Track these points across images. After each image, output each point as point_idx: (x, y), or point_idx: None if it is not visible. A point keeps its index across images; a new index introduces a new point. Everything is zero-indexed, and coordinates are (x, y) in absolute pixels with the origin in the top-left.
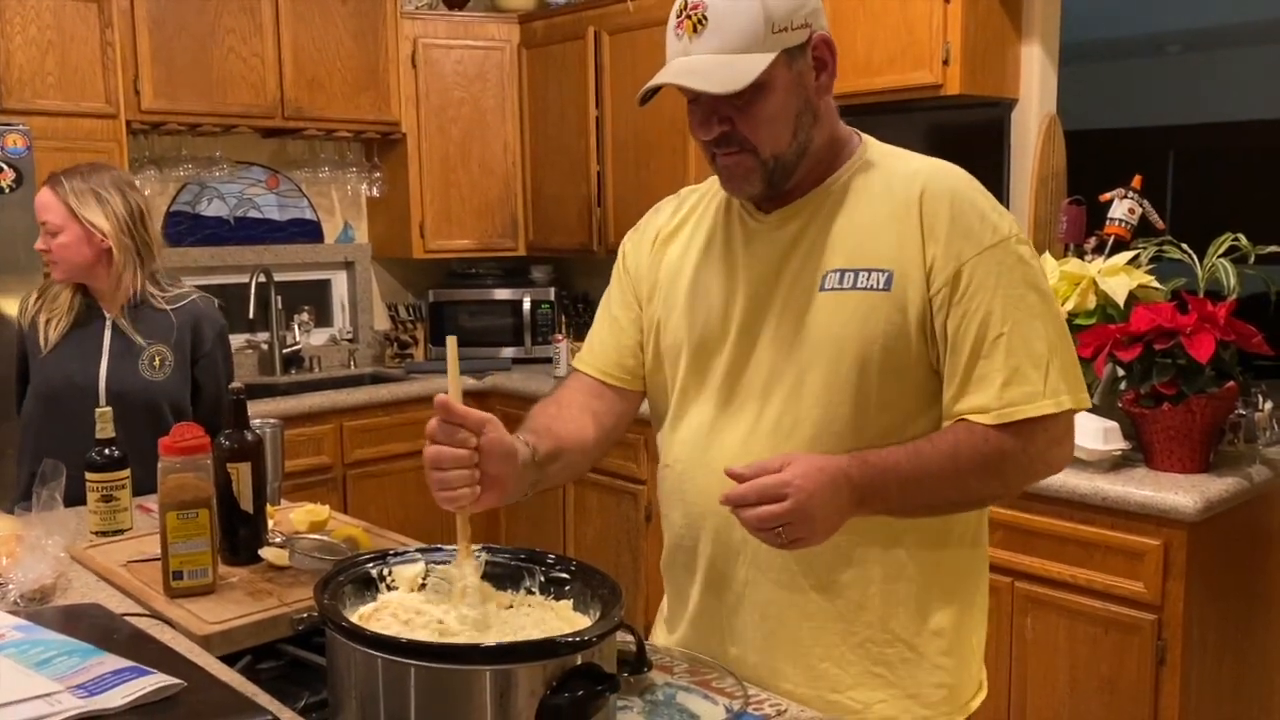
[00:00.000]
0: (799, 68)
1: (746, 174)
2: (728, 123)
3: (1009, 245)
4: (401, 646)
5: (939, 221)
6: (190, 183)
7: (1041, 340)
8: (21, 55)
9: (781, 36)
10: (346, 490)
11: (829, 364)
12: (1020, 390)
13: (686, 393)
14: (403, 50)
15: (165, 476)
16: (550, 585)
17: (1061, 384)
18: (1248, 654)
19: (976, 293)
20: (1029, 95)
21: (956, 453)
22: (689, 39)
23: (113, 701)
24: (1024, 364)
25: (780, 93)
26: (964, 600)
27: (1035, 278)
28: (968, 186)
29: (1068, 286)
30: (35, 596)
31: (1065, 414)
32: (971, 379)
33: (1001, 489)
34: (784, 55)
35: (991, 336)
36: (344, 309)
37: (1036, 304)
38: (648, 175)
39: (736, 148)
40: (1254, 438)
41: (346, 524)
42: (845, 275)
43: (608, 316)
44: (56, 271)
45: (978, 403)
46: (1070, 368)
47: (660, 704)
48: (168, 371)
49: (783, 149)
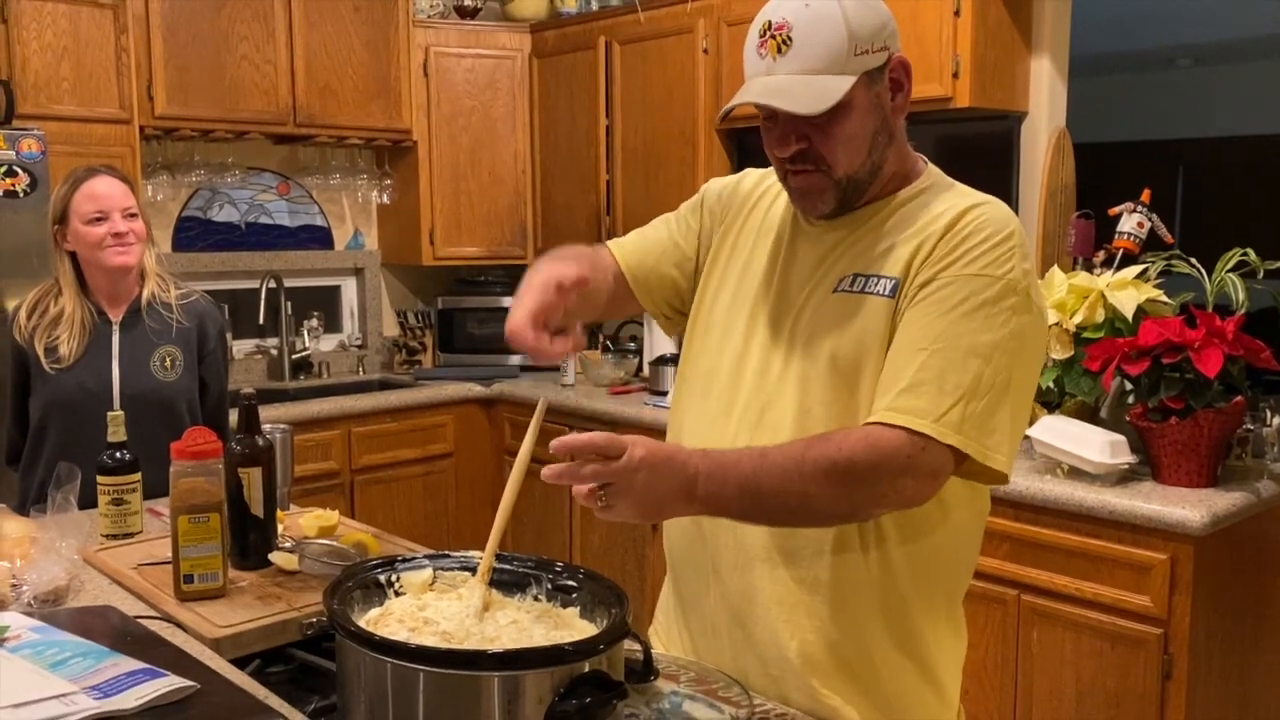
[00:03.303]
0: (877, 89)
1: (820, 193)
2: (805, 140)
3: (999, 284)
4: (411, 652)
5: (951, 240)
6: (202, 188)
7: (968, 376)
8: (37, 61)
9: (863, 59)
10: (354, 496)
11: (830, 364)
12: (911, 402)
13: (697, 372)
14: (414, 58)
15: (177, 481)
16: (558, 592)
17: (958, 421)
18: (1254, 669)
19: (933, 305)
20: (1038, 108)
21: (803, 457)
22: (772, 58)
23: (127, 703)
24: (930, 383)
25: (859, 113)
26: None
27: (1006, 326)
28: (1001, 223)
29: (1076, 300)
30: (49, 598)
31: (940, 448)
32: (883, 381)
33: (847, 506)
34: (864, 77)
35: (916, 347)
36: (353, 315)
37: (985, 346)
38: (657, 185)
39: (811, 166)
40: (1261, 453)
41: (356, 529)
42: (857, 279)
43: (664, 234)
44: (131, 256)
45: (875, 405)
46: (982, 419)
47: (666, 712)
48: (179, 371)
49: (856, 168)
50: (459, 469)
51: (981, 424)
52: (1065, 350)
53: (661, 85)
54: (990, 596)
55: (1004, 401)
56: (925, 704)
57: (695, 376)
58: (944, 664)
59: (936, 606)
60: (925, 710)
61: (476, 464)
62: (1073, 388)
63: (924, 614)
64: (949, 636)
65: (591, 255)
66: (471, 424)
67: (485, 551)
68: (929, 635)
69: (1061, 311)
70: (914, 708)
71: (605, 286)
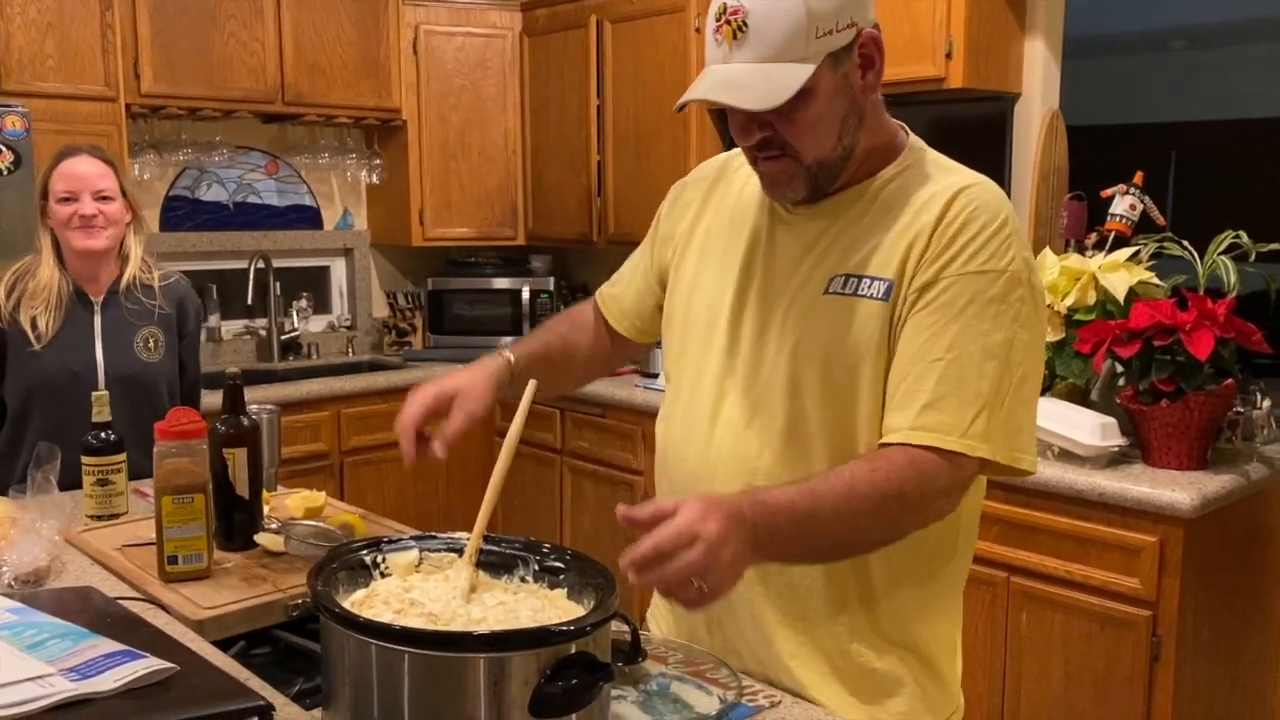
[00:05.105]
0: (845, 69)
1: (789, 179)
2: (769, 128)
3: (1003, 278)
4: (395, 633)
5: (945, 234)
6: (189, 167)
7: (986, 381)
8: (21, 37)
9: (826, 40)
10: (343, 477)
11: (823, 369)
12: (936, 418)
13: (683, 370)
14: (404, 37)
15: (161, 461)
16: (545, 574)
17: (985, 431)
18: (1242, 651)
19: (939, 310)
20: (1032, 90)
21: (852, 492)
22: (728, 46)
23: (104, 685)
24: (951, 395)
25: (825, 97)
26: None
27: (1017, 320)
28: (994, 209)
29: (1068, 282)
30: (29, 579)
31: (971, 461)
32: (898, 394)
33: (894, 533)
34: (829, 58)
35: (931, 357)
36: (343, 296)
37: (999, 345)
38: (648, 165)
39: (778, 151)
40: (1252, 435)
41: (343, 510)
42: (849, 280)
43: (637, 259)
44: (98, 239)
45: (893, 421)
46: (1007, 422)
47: (654, 694)
48: (162, 352)
49: (826, 153)
50: (449, 451)
51: (1007, 428)
52: (1056, 332)
53: (653, 65)
54: (980, 579)
55: (1022, 396)
56: (924, 690)
57: (681, 376)
58: (941, 650)
59: (931, 592)
60: (924, 695)
61: (467, 445)
62: (1064, 370)
63: (918, 602)
64: (945, 622)
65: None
66: None
67: (473, 533)
68: (925, 623)
69: (1053, 294)
70: (911, 696)
71: (581, 351)
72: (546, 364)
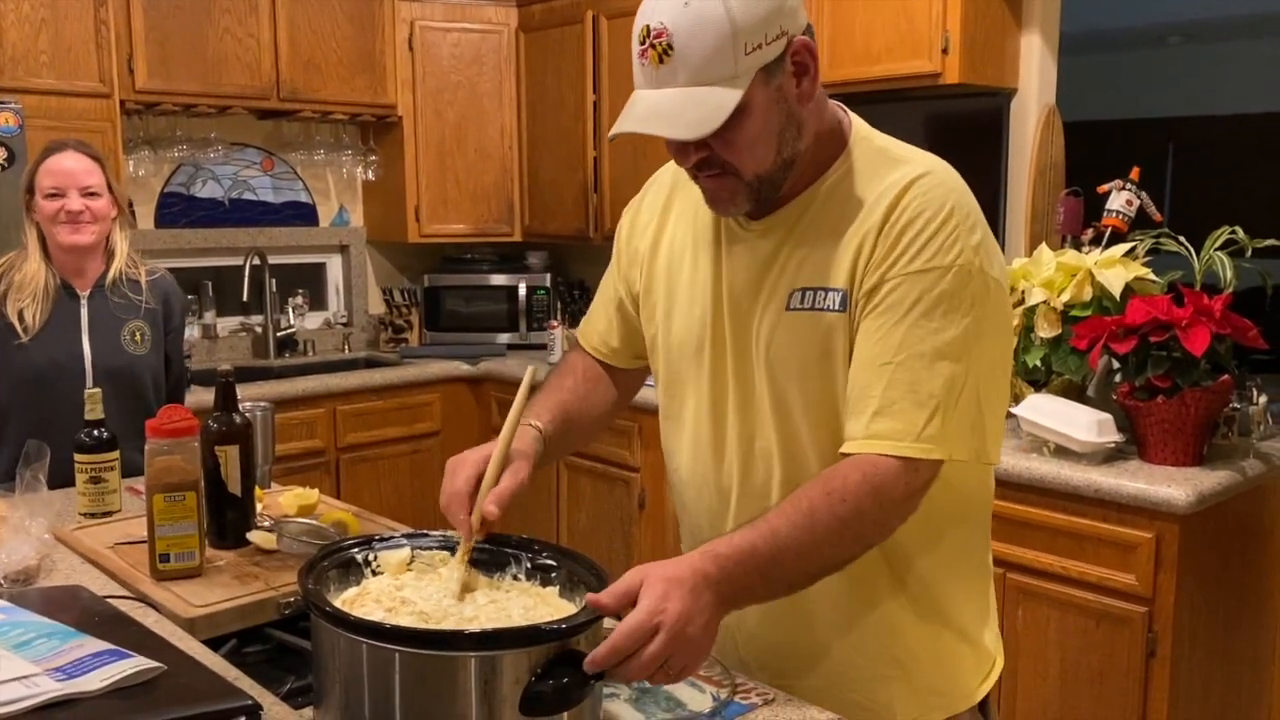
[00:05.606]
0: (778, 81)
1: (731, 195)
2: (705, 149)
3: (950, 274)
4: (385, 632)
5: (889, 235)
6: (184, 164)
7: (939, 381)
8: (14, 33)
9: (755, 56)
10: (339, 474)
11: (801, 386)
12: (888, 425)
13: (675, 395)
14: (399, 33)
15: (152, 459)
16: (536, 571)
17: (939, 433)
18: (1238, 647)
19: (885, 312)
20: (1028, 85)
21: (813, 524)
22: (654, 70)
23: (91, 684)
24: (902, 399)
25: (759, 114)
26: None
27: (969, 314)
28: (939, 202)
29: (1064, 278)
30: (18, 578)
31: (929, 464)
32: (851, 401)
33: (861, 548)
34: (760, 74)
35: (880, 361)
36: (338, 292)
37: (950, 343)
38: (644, 162)
39: (718, 170)
40: (1248, 431)
41: (336, 508)
42: (806, 294)
43: (609, 294)
44: (84, 235)
45: (849, 429)
46: (963, 420)
47: (647, 692)
48: (148, 346)
49: (767, 168)
50: (446, 448)
51: (964, 427)
52: (1053, 329)
53: None
54: None
55: (982, 392)
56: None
57: (682, 408)
58: (970, 619)
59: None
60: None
61: (463, 443)
62: (1060, 366)
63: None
64: (973, 594)
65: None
66: (458, 403)
67: None
68: (955, 598)
69: (1049, 289)
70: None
71: (598, 402)
72: (569, 426)
